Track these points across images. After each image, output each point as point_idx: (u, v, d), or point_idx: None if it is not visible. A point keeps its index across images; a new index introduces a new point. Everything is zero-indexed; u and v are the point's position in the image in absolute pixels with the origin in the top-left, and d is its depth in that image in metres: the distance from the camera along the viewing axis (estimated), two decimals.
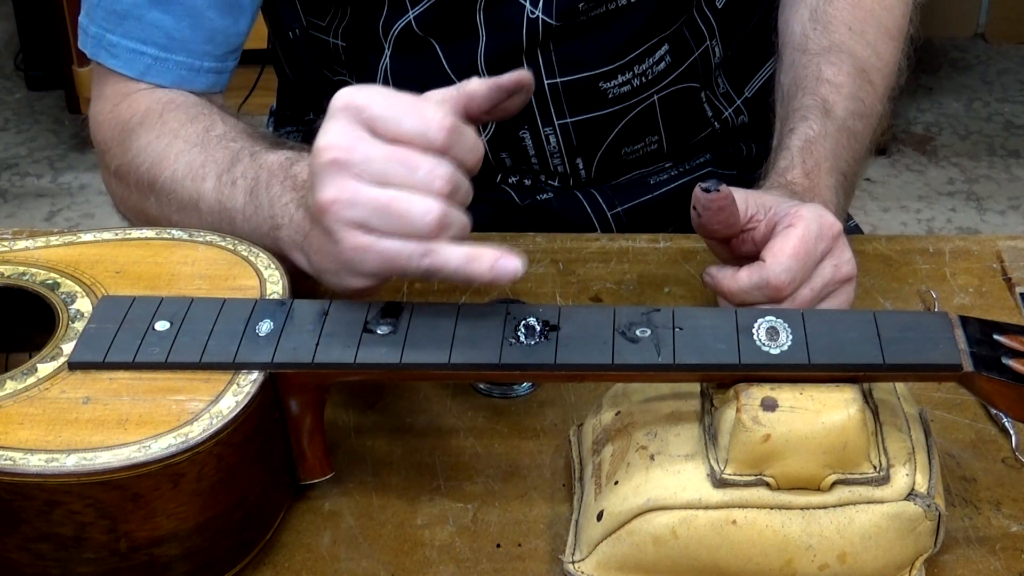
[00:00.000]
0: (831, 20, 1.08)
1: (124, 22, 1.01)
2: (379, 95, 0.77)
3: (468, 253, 0.75)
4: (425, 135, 0.76)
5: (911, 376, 0.77)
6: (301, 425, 0.79)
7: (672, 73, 1.14)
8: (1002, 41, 3.31)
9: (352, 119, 0.76)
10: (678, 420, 0.78)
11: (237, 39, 1.05)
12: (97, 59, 1.04)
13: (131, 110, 1.01)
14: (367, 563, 0.80)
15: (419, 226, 0.75)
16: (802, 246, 0.84)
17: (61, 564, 0.73)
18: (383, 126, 0.76)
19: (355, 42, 1.13)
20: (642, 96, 1.14)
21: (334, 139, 0.76)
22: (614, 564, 0.77)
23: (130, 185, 1.00)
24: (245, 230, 0.90)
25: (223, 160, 0.93)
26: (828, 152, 0.99)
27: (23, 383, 0.76)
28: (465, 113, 0.78)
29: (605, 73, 1.12)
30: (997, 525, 0.82)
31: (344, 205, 0.76)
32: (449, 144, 0.76)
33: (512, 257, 0.75)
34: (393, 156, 0.76)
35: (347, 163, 0.76)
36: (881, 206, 2.73)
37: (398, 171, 0.75)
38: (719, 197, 0.84)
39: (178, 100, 1.01)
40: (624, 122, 1.15)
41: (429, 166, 0.76)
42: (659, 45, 1.12)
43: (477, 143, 0.78)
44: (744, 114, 1.22)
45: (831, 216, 0.87)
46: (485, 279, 0.75)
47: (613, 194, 1.19)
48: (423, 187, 0.75)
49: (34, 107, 3.13)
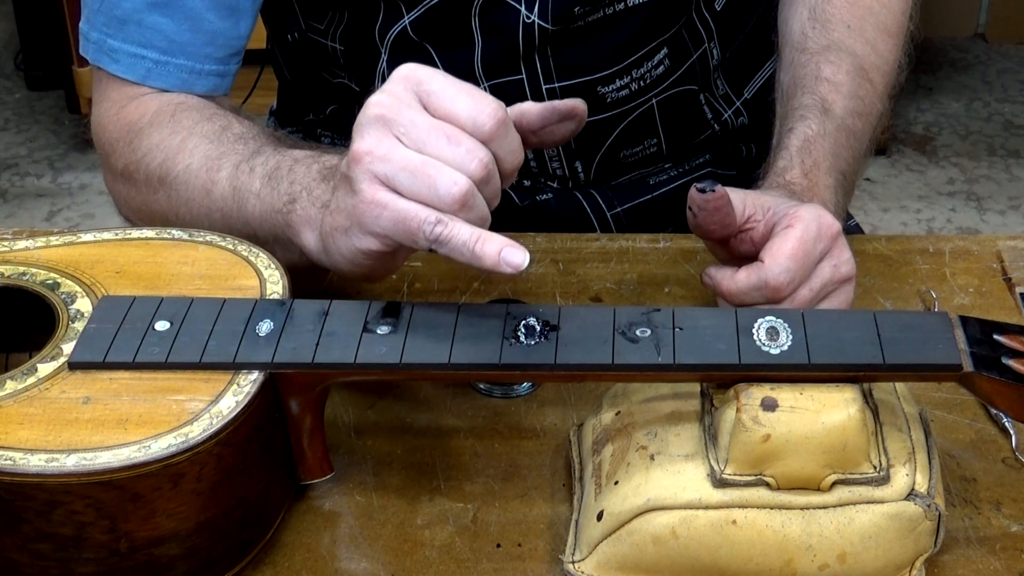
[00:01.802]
0: (830, 19, 1.08)
1: (124, 27, 1.01)
2: (441, 74, 0.78)
3: (479, 233, 0.75)
4: (475, 119, 0.76)
5: (911, 376, 0.77)
6: (301, 425, 0.79)
7: (671, 76, 1.14)
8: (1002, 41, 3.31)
9: (409, 88, 0.77)
10: (678, 420, 0.78)
11: (238, 42, 1.05)
12: (99, 64, 1.04)
13: (140, 111, 1.01)
14: (367, 563, 0.80)
15: (443, 195, 0.75)
16: (800, 247, 0.84)
17: (61, 564, 0.73)
18: (437, 100, 0.77)
19: (353, 46, 1.13)
20: (640, 100, 1.14)
21: (385, 99, 0.77)
22: (614, 564, 0.77)
23: (138, 183, 1.00)
24: (256, 212, 0.90)
25: (243, 152, 0.94)
26: (827, 151, 0.99)
27: (23, 383, 0.76)
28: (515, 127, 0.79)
29: (603, 78, 1.12)
30: (997, 525, 0.82)
31: (377, 158, 0.76)
32: (495, 136, 0.77)
33: (519, 250, 0.75)
34: (438, 127, 0.76)
35: (392, 121, 0.77)
36: (881, 206, 2.72)
37: (439, 142, 0.76)
38: (715, 197, 0.84)
39: (190, 102, 1.01)
40: (623, 126, 1.15)
41: (471, 145, 0.76)
42: (657, 49, 1.12)
43: (520, 148, 0.79)
44: (744, 115, 1.22)
45: (830, 216, 0.87)
46: (488, 263, 0.75)
47: (613, 194, 1.19)
48: (458, 164, 0.76)
49: (34, 107, 3.13)
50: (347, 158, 0.79)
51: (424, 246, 0.76)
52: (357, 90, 1.15)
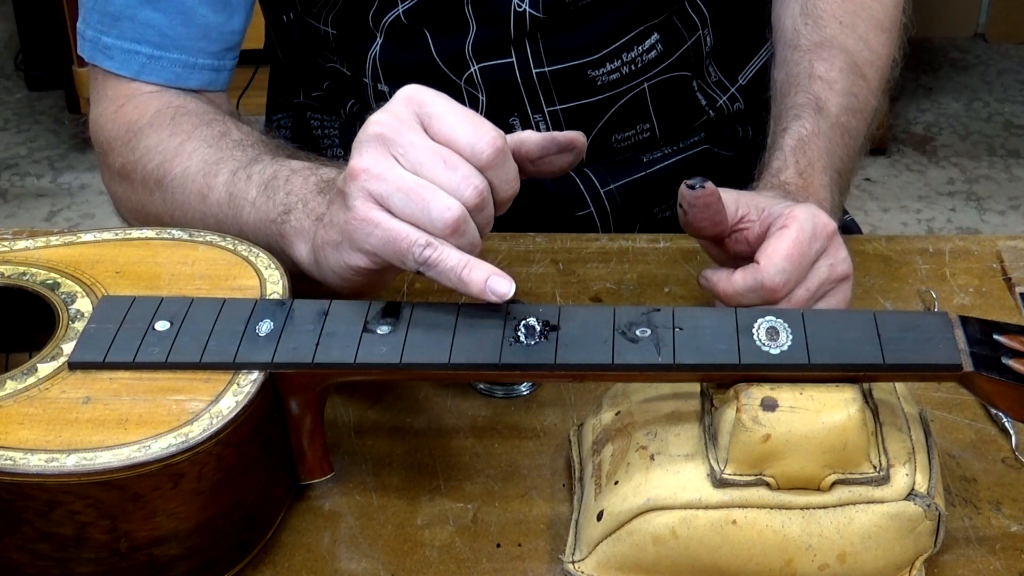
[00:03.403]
0: (821, 14, 1.08)
1: (118, 23, 1.02)
2: (442, 98, 0.79)
3: (467, 260, 0.76)
4: (473, 146, 0.77)
5: (911, 376, 0.77)
6: (301, 425, 0.80)
7: (663, 62, 1.15)
8: (1002, 41, 3.31)
9: (410, 109, 0.78)
10: (678, 420, 0.78)
11: (233, 36, 1.05)
12: (95, 62, 1.04)
13: (139, 111, 1.02)
14: (367, 563, 0.80)
15: (435, 219, 0.76)
16: (796, 247, 0.84)
17: (61, 564, 0.73)
18: (437, 124, 0.78)
19: (345, 30, 1.13)
20: (631, 84, 1.14)
21: (386, 118, 0.78)
22: (614, 564, 0.77)
23: (135, 183, 1.00)
24: (251, 220, 0.90)
25: (241, 159, 0.94)
26: (822, 150, 0.99)
27: (23, 383, 0.76)
28: (512, 156, 0.80)
29: (593, 61, 1.12)
30: (997, 525, 0.82)
31: (373, 177, 0.77)
32: (493, 164, 0.77)
33: (505, 279, 0.76)
34: (436, 151, 0.77)
35: (391, 141, 0.77)
36: (881, 206, 2.72)
37: (436, 166, 0.77)
38: (704, 194, 0.84)
39: (189, 106, 1.02)
40: (614, 109, 1.15)
41: (467, 171, 0.77)
42: (648, 33, 1.13)
43: (516, 178, 0.79)
44: (739, 101, 1.22)
45: (825, 215, 0.87)
46: (474, 290, 0.76)
47: (606, 172, 1.19)
48: (453, 189, 0.77)
49: (34, 107, 3.13)
50: (344, 173, 0.79)
51: (412, 268, 0.77)
52: (348, 75, 1.16)
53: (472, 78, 1.11)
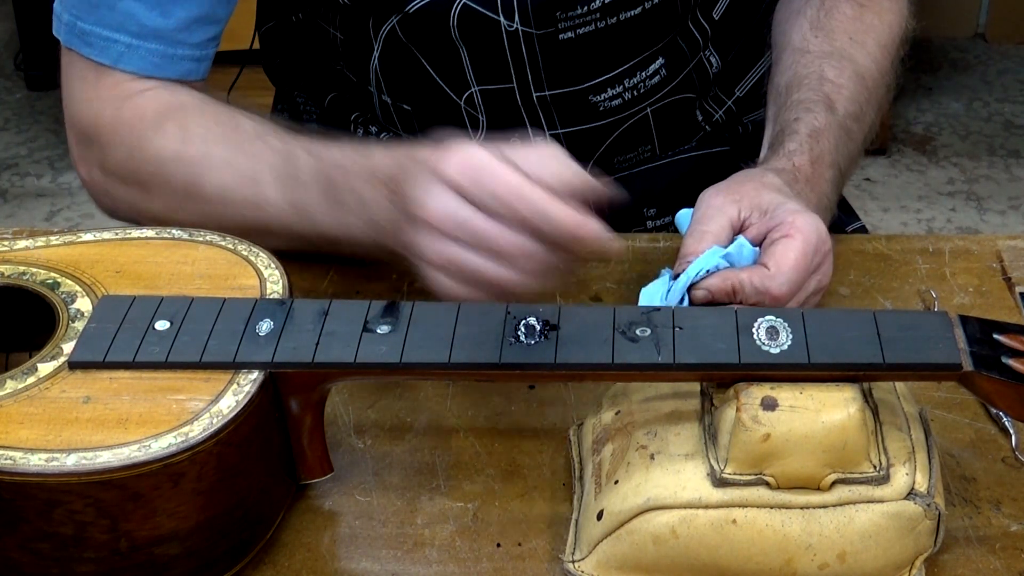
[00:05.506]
0: (833, 29, 1.10)
1: (96, 10, 1.00)
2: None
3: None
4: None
5: (911, 375, 0.77)
6: (301, 425, 0.79)
7: (667, 86, 1.14)
8: (1002, 41, 3.31)
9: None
10: (678, 419, 0.78)
11: (214, 27, 1.04)
12: (70, 46, 1.03)
13: (137, 113, 1.01)
14: (367, 563, 0.80)
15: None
16: (804, 260, 0.87)
17: (61, 564, 0.73)
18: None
19: (350, 35, 1.13)
20: (635, 109, 1.14)
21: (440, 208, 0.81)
22: (614, 563, 0.77)
23: (131, 185, 1.00)
24: (328, 224, 0.92)
25: (271, 159, 0.94)
26: (831, 145, 1.01)
27: (23, 383, 0.76)
28: None
29: (594, 87, 1.11)
30: (997, 525, 0.82)
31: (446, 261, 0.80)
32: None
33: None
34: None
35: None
36: (881, 206, 2.72)
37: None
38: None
39: (188, 103, 1.01)
40: (616, 134, 1.15)
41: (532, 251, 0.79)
42: (652, 59, 1.12)
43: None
44: (735, 113, 1.22)
45: (824, 229, 0.90)
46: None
47: None
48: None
49: (34, 107, 3.12)
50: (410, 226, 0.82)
51: None
52: (354, 81, 1.15)
53: (472, 99, 1.11)
